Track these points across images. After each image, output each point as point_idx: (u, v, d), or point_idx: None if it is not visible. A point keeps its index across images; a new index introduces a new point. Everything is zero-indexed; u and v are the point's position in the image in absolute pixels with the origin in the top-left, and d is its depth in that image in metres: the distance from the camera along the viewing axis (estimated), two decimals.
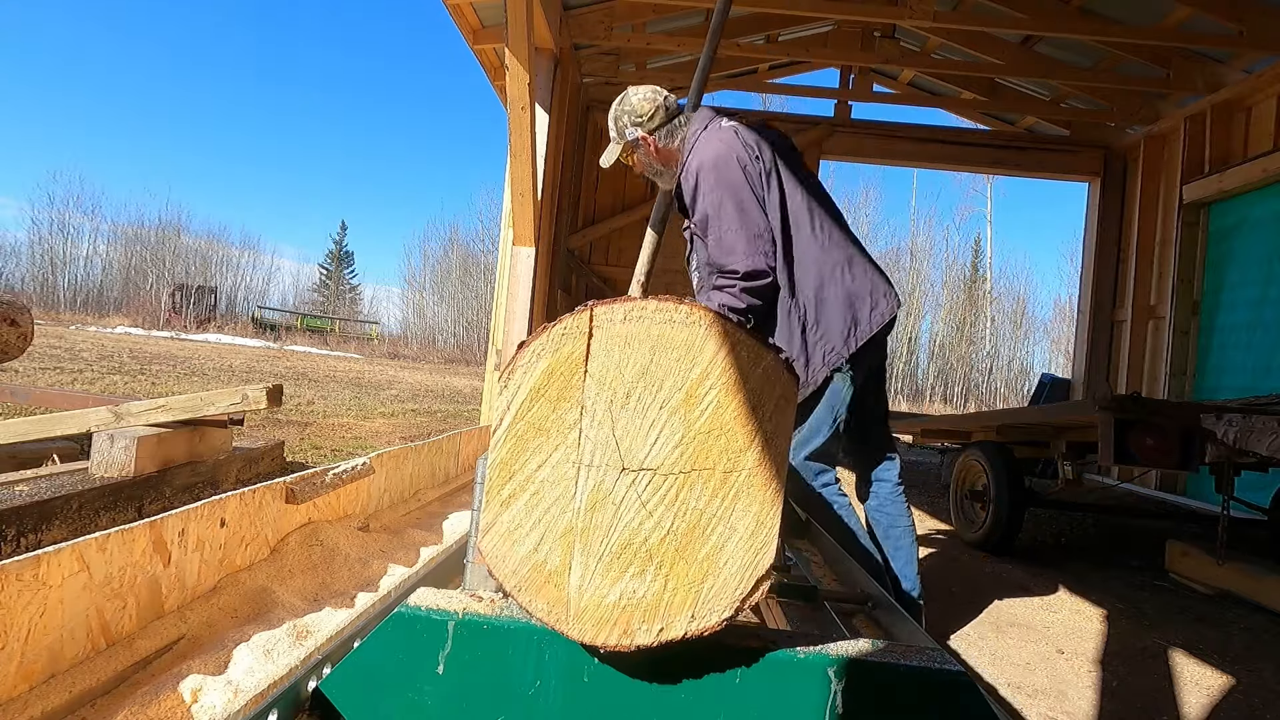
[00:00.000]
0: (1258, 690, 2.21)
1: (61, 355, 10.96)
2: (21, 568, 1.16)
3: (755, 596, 0.82)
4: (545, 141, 5.09)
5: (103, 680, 1.27)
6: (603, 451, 0.83)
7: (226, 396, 2.75)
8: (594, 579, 0.83)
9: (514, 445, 0.84)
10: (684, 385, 0.83)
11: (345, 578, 1.98)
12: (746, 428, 0.82)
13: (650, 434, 0.83)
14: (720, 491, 0.82)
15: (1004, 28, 5.75)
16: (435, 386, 14.19)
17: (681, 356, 0.83)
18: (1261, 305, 5.15)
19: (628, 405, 0.83)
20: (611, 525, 0.83)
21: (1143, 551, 4.00)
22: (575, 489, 0.83)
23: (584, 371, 0.83)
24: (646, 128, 2.19)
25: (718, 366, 0.83)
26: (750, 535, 0.82)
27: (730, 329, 0.83)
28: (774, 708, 0.86)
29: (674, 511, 0.82)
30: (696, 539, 0.82)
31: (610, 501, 0.83)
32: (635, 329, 0.83)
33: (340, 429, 6.45)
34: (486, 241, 36.99)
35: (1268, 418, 2.85)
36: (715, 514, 0.82)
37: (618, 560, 0.83)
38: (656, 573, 0.82)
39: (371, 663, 0.90)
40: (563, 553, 0.83)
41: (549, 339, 0.84)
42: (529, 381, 0.84)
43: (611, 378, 0.83)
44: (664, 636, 0.82)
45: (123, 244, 39.93)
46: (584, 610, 0.83)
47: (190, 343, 21.46)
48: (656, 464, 0.83)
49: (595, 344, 0.83)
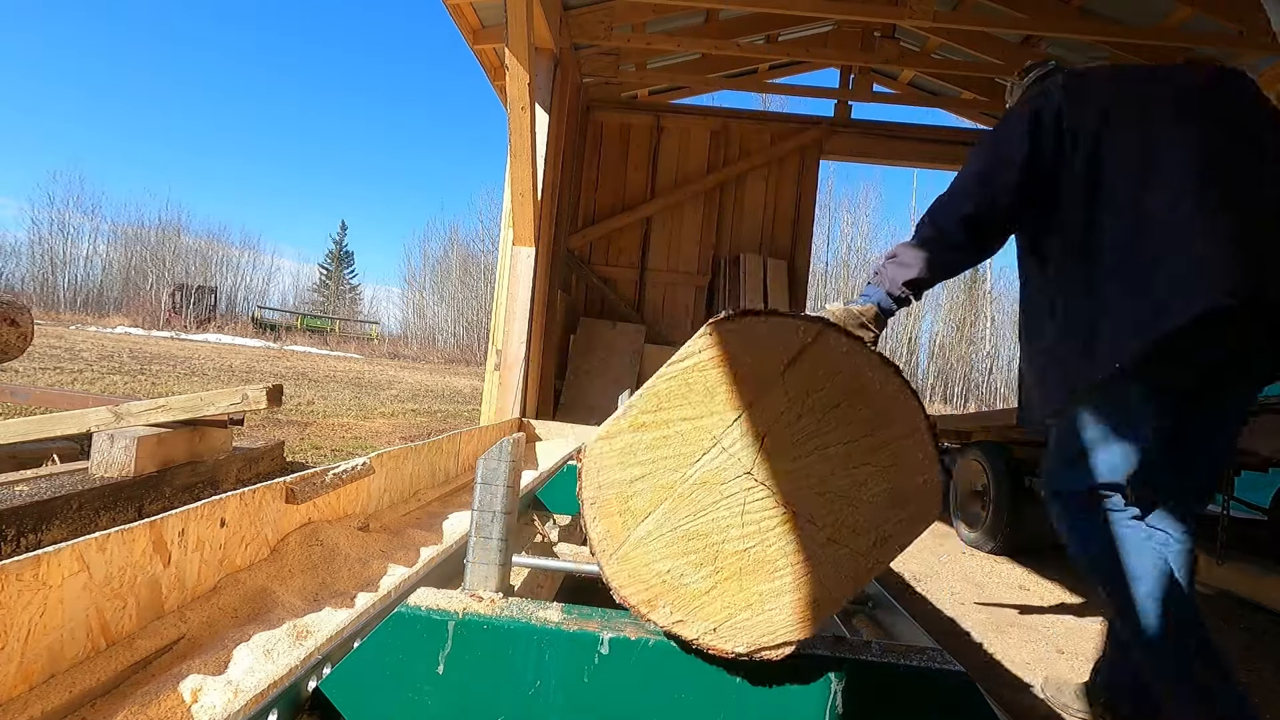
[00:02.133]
0: (1258, 690, 2.21)
1: (61, 355, 10.96)
2: (21, 568, 1.16)
3: (769, 654, 0.82)
4: (545, 141, 5.09)
5: (103, 680, 1.27)
6: (744, 445, 0.81)
7: (226, 396, 2.75)
8: (657, 541, 0.82)
9: (679, 387, 0.82)
10: (850, 442, 0.81)
11: (345, 578, 1.97)
12: (877, 517, 0.81)
13: (792, 461, 0.81)
14: (812, 552, 0.81)
15: (1004, 28, 5.75)
16: (435, 386, 14.19)
17: (869, 419, 0.81)
18: None
19: (793, 423, 0.81)
20: (704, 509, 0.82)
21: None
22: (700, 458, 0.82)
23: (783, 371, 0.81)
24: (1021, 85, 2.08)
25: (886, 454, 0.81)
26: (807, 604, 0.81)
27: (929, 438, 0.81)
28: (774, 707, 0.86)
29: (762, 538, 0.81)
30: (762, 574, 0.81)
31: (719, 489, 0.82)
32: (851, 362, 0.81)
33: (340, 429, 6.45)
34: (486, 241, 37.03)
35: (1268, 418, 2.85)
36: (793, 567, 0.81)
37: (687, 542, 0.82)
38: (711, 575, 0.82)
39: (371, 663, 0.90)
40: (650, 500, 0.82)
41: (787, 324, 0.82)
42: (736, 342, 0.81)
43: (798, 391, 0.81)
44: (676, 629, 0.83)
45: (123, 244, 39.97)
46: (629, 558, 0.83)
47: (190, 343, 21.46)
48: (778, 490, 0.81)
49: (812, 351, 0.81)
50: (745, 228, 7.16)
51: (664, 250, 7.15)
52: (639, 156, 7.17)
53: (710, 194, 7.11)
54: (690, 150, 7.17)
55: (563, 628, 0.89)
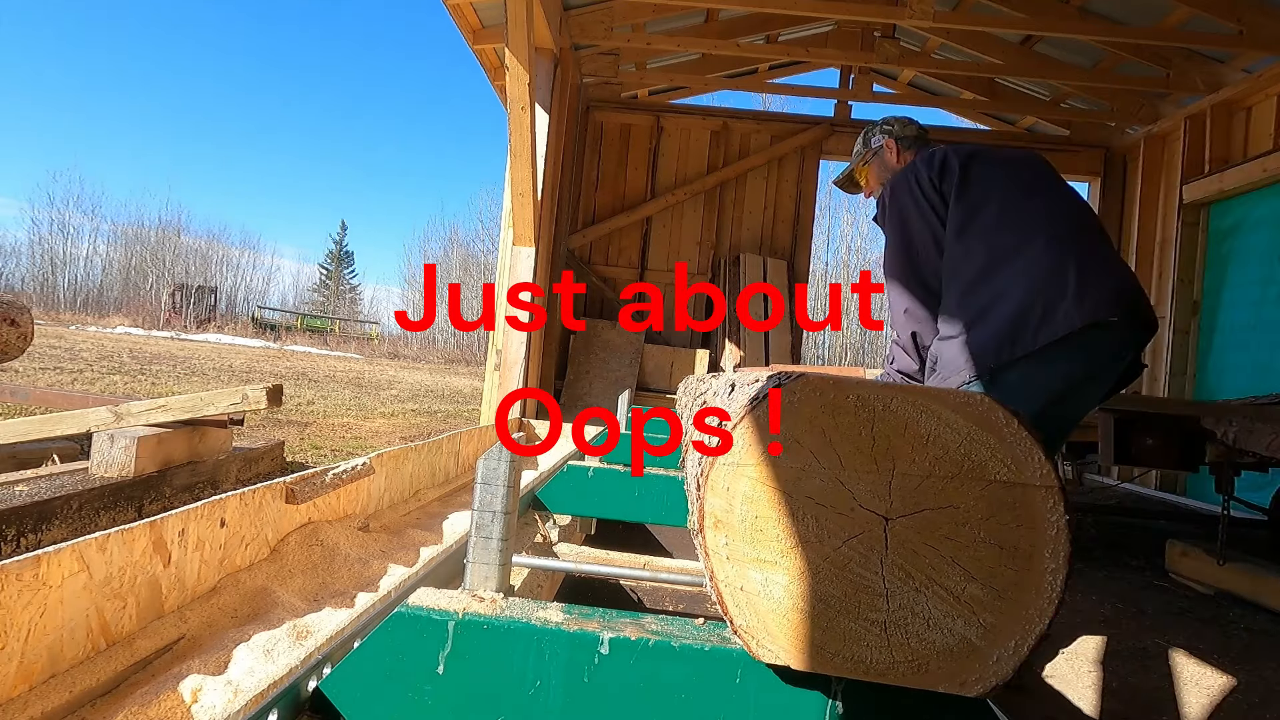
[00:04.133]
0: (1257, 690, 2.21)
1: (61, 355, 10.96)
2: (21, 568, 1.16)
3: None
4: (545, 141, 5.09)
5: (103, 680, 1.27)
6: (870, 494, 0.80)
7: (226, 396, 2.75)
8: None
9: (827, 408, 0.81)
10: (975, 557, 0.79)
11: (345, 578, 1.97)
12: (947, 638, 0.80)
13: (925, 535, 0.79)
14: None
15: (1004, 28, 5.75)
16: (435, 386, 14.18)
17: (1009, 510, 0.78)
18: (1261, 305, 5.15)
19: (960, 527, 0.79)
20: (795, 514, 0.81)
21: (1143, 551, 3.99)
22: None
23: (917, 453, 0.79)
24: (896, 134, 2.23)
25: (999, 585, 0.79)
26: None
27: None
28: (774, 708, 0.86)
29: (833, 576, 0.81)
30: (793, 608, 0.81)
31: (828, 507, 0.81)
32: (1027, 495, 0.78)
33: (340, 429, 6.45)
34: (486, 241, 37.07)
35: (1268, 418, 2.85)
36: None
37: (758, 536, 0.82)
38: (761, 568, 0.82)
39: (371, 663, 0.90)
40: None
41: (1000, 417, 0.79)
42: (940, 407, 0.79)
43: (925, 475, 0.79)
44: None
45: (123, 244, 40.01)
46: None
47: (190, 343, 21.46)
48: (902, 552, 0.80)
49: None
50: (745, 228, 7.16)
51: (664, 250, 7.15)
52: (639, 156, 7.17)
53: (710, 194, 7.11)
54: (690, 150, 7.17)
55: (563, 628, 0.89)
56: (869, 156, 2.31)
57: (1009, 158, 2.05)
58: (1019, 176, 1.98)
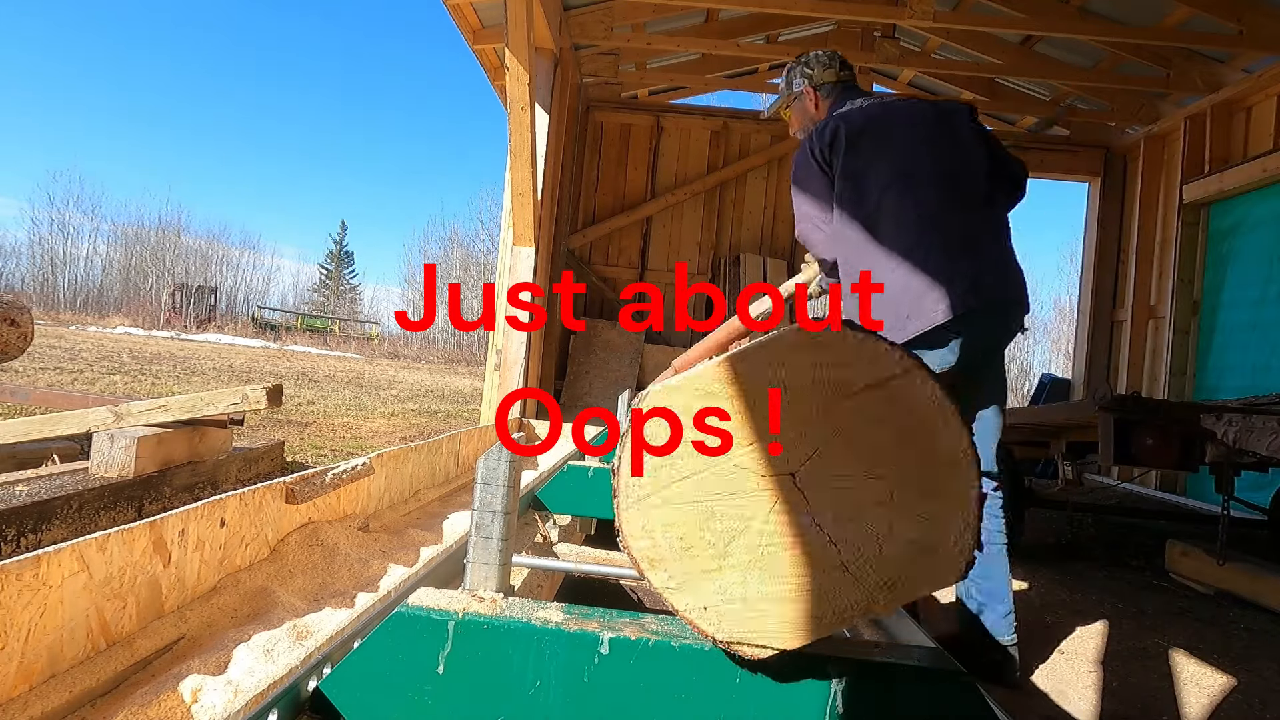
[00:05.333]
0: (1257, 690, 2.21)
1: (61, 355, 10.96)
2: (21, 568, 1.16)
3: (747, 651, 0.84)
4: (545, 141, 5.09)
5: (103, 680, 1.27)
6: (799, 448, 0.82)
7: (226, 396, 2.75)
8: (681, 505, 0.84)
9: (736, 372, 0.83)
10: (900, 485, 0.81)
11: (345, 578, 1.97)
12: (898, 561, 0.82)
13: (838, 480, 0.82)
14: (823, 572, 0.82)
15: (1004, 28, 5.75)
16: (435, 386, 14.19)
17: (925, 471, 0.81)
18: (1261, 305, 5.15)
19: (852, 443, 0.81)
20: (735, 493, 0.83)
21: (1143, 551, 3.99)
22: (751, 443, 0.83)
23: (859, 392, 0.82)
24: (815, 80, 2.26)
25: (930, 508, 0.82)
26: (802, 618, 0.83)
27: (976, 510, 0.81)
28: (774, 707, 0.86)
29: (779, 542, 0.82)
30: (768, 575, 0.83)
31: (757, 479, 0.82)
32: (928, 410, 0.81)
33: (340, 429, 6.45)
34: (486, 241, 37.06)
35: (1268, 418, 2.85)
36: (799, 579, 0.82)
37: (707, 519, 0.83)
38: (718, 558, 0.83)
39: (372, 663, 0.90)
40: (689, 464, 0.84)
41: (879, 350, 0.82)
42: (827, 351, 0.83)
43: (869, 416, 0.81)
44: (668, 595, 0.85)
45: (123, 244, 40.02)
46: (648, 512, 0.85)
47: (190, 343, 21.46)
48: (813, 502, 0.82)
49: (897, 384, 0.82)
50: (745, 228, 7.16)
51: (664, 250, 7.15)
52: (639, 156, 7.17)
53: (710, 194, 7.11)
54: (690, 150, 7.16)
55: (563, 628, 0.89)
56: (790, 101, 2.35)
57: (910, 119, 2.05)
58: (908, 152, 2.01)
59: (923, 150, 2.01)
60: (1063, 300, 33.04)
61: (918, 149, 2.01)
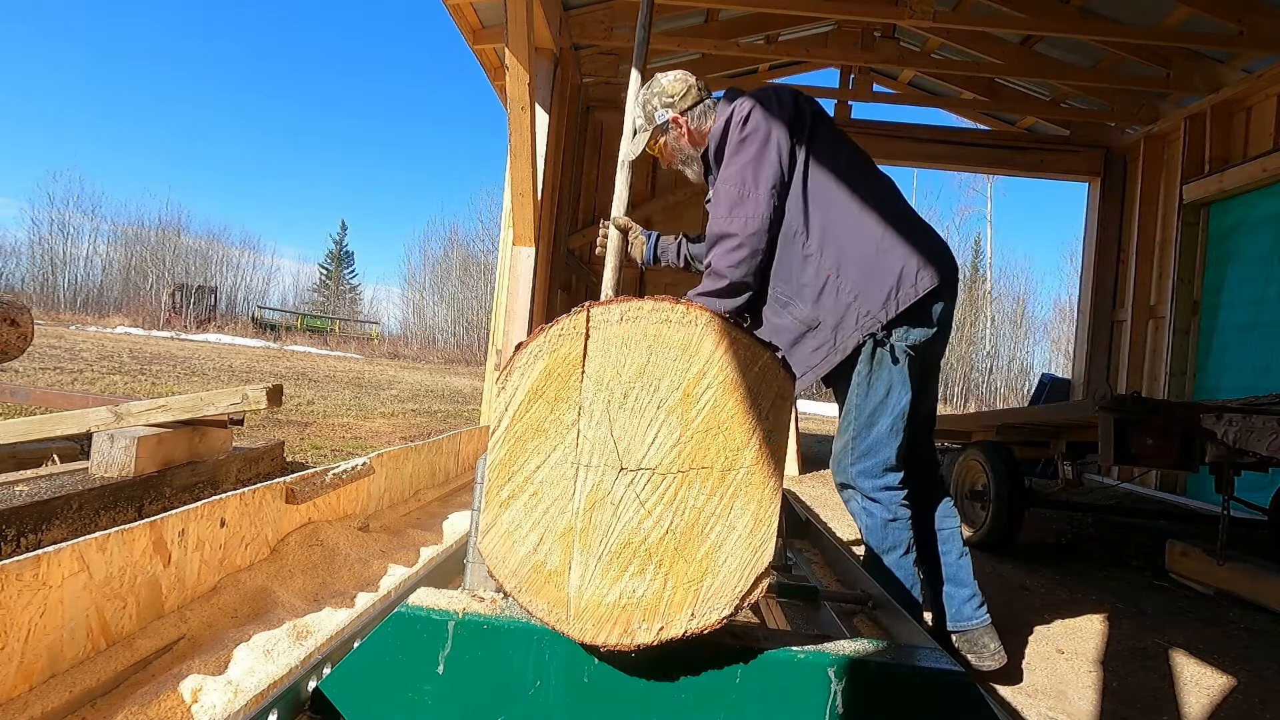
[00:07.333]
0: (1257, 690, 2.21)
1: (61, 355, 10.96)
2: (21, 568, 1.16)
3: (754, 594, 0.82)
4: (545, 141, 5.09)
5: (103, 680, 1.27)
6: (601, 452, 0.83)
7: (226, 396, 2.75)
8: (594, 578, 0.83)
9: (512, 446, 0.84)
10: (681, 385, 0.83)
11: (345, 578, 1.97)
12: (744, 425, 0.82)
13: (648, 434, 0.83)
14: (718, 490, 0.82)
15: (1004, 28, 5.75)
16: (435, 386, 14.19)
17: (678, 356, 0.83)
18: (1261, 305, 5.15)
19: (625, 405, 0.83)
20: (610, 525, 0.83)
21: (1143, 551, 3.99)
22: (574, 489, 0.83)
23: (581, 372, 0.84)
24: (679, 108, 2.13)
25: (714, 365, 0.83)
26: (749, 533, 0.82)
27: (727, 328, 0.83)
28: (774, 707, 0.86)
29: (673, 510, 0.83)
30: (695, 537, 0.82)
31: (609, 501, 0.83)
32: (632, 329, 0.83)
33: (340, 429, 6.45)
34: (486, 241, 37.03)
35: (1268, 418, 2.85)
36: (714, 512, 0.82)
37: (617, 559, 0.83)
38: (656, 571, 0.82)
39: (371, 663, 0.90)
40: (562, 552, 0.83)
41: (546, 340, 0.84)
42: (526, 383, 0.84)
43: (609, 378, 0.83)
44: (664, 635, 0.83)
45: (123, 244, 40.00)
46: (584, 610, 0.83)
47: (190, 343, 21.46)
48: (655, 463, 0.83)
49: (592, 344, 0.84)
50: None
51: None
52: (639, 156, 7.16)
53: None
54: None
55: None
56: (659, 136, 2.22)
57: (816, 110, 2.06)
58: (841, 136, 2.06)
59: (840, 134, 2.06)
60: (1063, 300, 33.14)
61: (838, 132, 2.06)
